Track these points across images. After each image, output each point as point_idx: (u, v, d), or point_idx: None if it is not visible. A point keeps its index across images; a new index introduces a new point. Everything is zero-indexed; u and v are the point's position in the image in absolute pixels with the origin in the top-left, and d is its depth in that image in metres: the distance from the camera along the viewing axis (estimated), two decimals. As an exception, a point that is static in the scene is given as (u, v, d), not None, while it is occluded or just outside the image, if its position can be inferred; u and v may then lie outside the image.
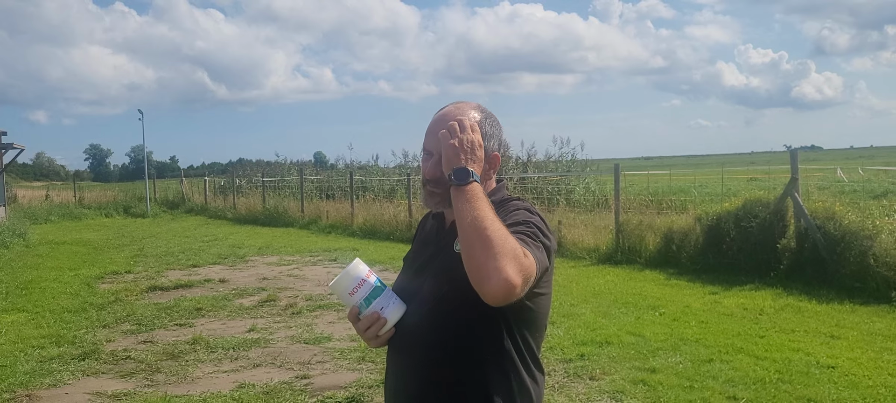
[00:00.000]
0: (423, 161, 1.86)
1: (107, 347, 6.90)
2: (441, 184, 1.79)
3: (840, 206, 9.15)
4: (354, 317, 1.82)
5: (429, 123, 1.88)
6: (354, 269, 1.82)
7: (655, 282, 9.42)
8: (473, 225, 1.57)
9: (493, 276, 1.52)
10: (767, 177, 15.81)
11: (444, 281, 1.79)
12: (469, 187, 1.65)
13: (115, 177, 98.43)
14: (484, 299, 1.56)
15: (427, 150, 1.85)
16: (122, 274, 11.56)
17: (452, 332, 1.78)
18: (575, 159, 21.35)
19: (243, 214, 22.93)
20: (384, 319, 1.80)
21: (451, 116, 1.82)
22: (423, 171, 1.87)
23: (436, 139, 1.79)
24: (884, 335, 6.48)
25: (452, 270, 1.72)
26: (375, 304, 1.80)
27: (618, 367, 5.76)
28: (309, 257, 13.28)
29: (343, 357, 6.31)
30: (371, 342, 1.84)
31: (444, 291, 1.78)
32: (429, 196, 1.86)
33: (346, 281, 1.80)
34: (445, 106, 1.91)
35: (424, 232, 2.03)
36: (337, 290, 1.83)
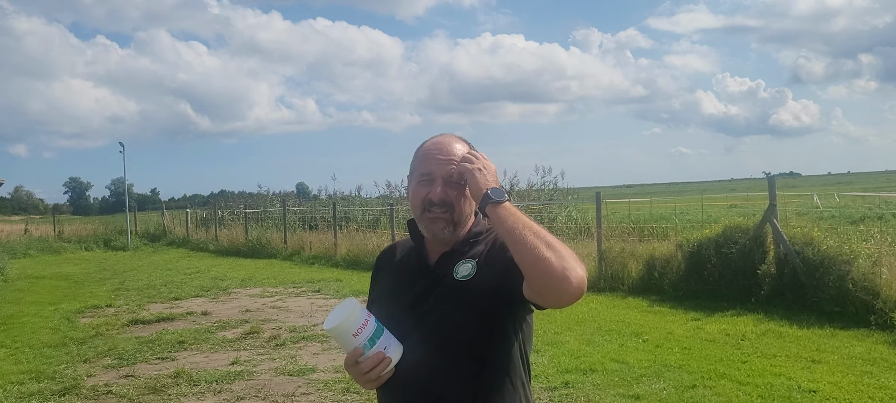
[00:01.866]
0: (422, 186, 1.88)
1: (87, 382, 6.81)
2: (446, 206, 1.84)
3: (818, 232, 9.28)
4: (355, 359, 1.77)
5: (421, 151, 1.93)
6: (357, 310, 1.77)
7: (638, 309, 9.47)
8: (534, 232, 1.64)
9: (571, 276, 1.60)
10: (746, 203, 16.03)
11: (454, 309, 1.81)
12: (507, 203, 1.73)
13: (96, 210, 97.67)
14: (557, 300, 1.64)
15: (425, 175, 1.88)
16: (102, 308, 11.44)
17: (467, 358, 1.81)
18: (557, 188, 21.48)
19: (226, 246, 22.79)
20: (389, 359, 1.77)
21: (447, 145, 1.89)
22: (426, 196, 1.87)
23: (438, 164, 1.85)
24: (864, 358, 6.56)
25: (463, 297, 1.80)
26: (379, 344, 1.77)
27: (602, 394, 5.78)
28: (292, 288, 13.22)
29: (328, 389, 6.29)
30: (369, 384, 1.80)
31: (459, 320, 1.80)
32: (432, 221, 1.87)
33: (351, 321, 1.75)
34: (433, 136, 1.96)
35: (403, 266, 2.00)
36: (339, 331, 1.76)
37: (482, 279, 1.82)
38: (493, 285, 1.79)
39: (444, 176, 1.85)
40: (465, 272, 1.84)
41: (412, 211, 1.95)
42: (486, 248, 1.89)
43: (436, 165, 1.86)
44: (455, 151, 1.88)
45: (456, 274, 1.84)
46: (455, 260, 1.87)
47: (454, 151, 1.88)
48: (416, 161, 1.93)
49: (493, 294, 1.79)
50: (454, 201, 1.86)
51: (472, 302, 1.77)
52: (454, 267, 1.86)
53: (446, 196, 1.84)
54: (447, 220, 1.86)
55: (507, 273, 1.75)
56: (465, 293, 1.79)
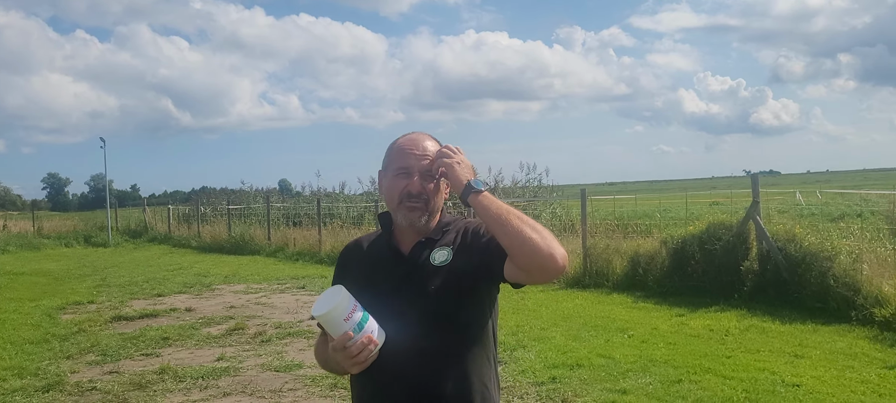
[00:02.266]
0: (399, 179, 2.03)
1: (71, 378, 6.76)
2: (423, 198, 2.01)
3: (800, 229, 9.39)
4: (343, 344, 1.83)
5: (395, 147, 2.08)
6: (346, 296, 1.85)
7: (623, 305, 9.53)
8: (518, 217, 1.86)
9: (556, 253, 1.81)
10: (729, 200, 16.15)
11: (437, 293, 1.97)
12: (487, 192, 1.93)
13: (74, 207, 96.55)
14: (544, 276, 1.86)
15: (403, 169, 2.02)
16: (84, 305, 11.33)
17: (454, 337, 1.99)
18: (542, 185, 21.56)
19: (208, 242, 22.64)
20: (376, 342, 1.86)
21: (421, 141, 2.06)
22: (404, 188, 2.02)
23: (415, 159, 2.02)
24: (845, 353, 6.65)
25: (444, 280, 1.97)
26: (366, 329, 1.84)
27: (589, 389, 5.82)
28: (277, 285, 13.17)
29: (315, 385, 6.27)
30: (356, 367, 1.88)
31: (443, 301, 1.96)
32: (411, 210, 2.02)
33: (342, 307, 1.82)
34: (406, 134, 2.12)
35: (375, 256, 2.11)
36: (331, 317, 1.82)
37: (459, 263, 1.99)
38: (471, 268, 1.97)
39: (420, 170, 2.01)
40: (441, 258, 2.00)
41: (388, 203, 2.09)
42: (458, 236, 2.06)
43: (413, 160, 2.02)
44: (428, 148, 2.05)
45: (433, 261, 2.00)
46: (429, 248, 2.04)
47: (427, 148, 2.05)
48: (390, 156, 2.08)
49: (472, 276, 1.98)
50: (430, 193, 2.03)
51: (453, 285, 1.96)
52: (430, 255, 2.02)
53: (423, 189, 2.01)
54: (423, 210, 2.02)
55: (486, 255, 1.95)
56: (445, 277, 1.97)
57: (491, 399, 2.04)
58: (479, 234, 2.03)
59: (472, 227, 2.08)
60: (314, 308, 1.86)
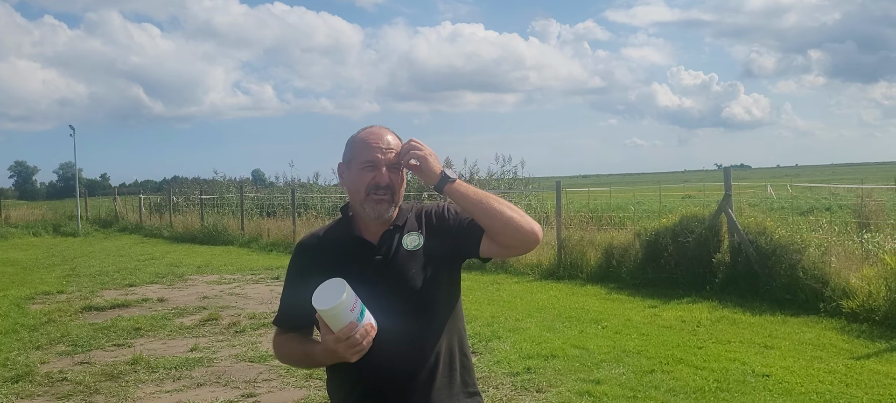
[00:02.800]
0: (366, 172, 2.09)
1: (41, 369, 6.66)
2: (389, 190, 2.09)
3: (770, 222, 9.53)
4: (348, 333, 1.88)
5: (358, 140, 2.14)
6: (349, 288, 1.89)
7: (597, 297, 9.61)
8: (495, 199, 2.04)
9: (535, 228, 2.03)
10: (701, 194, 16.35)
11: (417, 275, 2.09)
12: (459, 180, 2.07)
13: (42, 196, 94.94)
14: (525, 247, 2.07)
15: (369, 162, 2.09)
16: (54, 295, 11.16)
17: (438, 315, 2.12)
18: (517, 177, 21.61)
19: (180, 232, 22.40)
20: (375, 328, 1.93)
21: (383, 135, 2.13)
22: (371, 181, 2.09)
23: (380, 152, 2.09)
24: (813, 344, 6.78)
25: (422, 263, 2.10)
26: (366, 316, 1.91)
27: (563, 379, 5.87)
28: (250, 275, 13.08)
29: (290, 375, 6.25)
30: (358, 355, 1.92)
31: (425, 283, 2.08)
32: (378, 202, 2.09)
33: (349, 298, 1.87)
34: (366, 127, 2.18)
35: (342, 248, 2.15)
36: (339, 310, 1.85)
37: (432, 245, 2.12)
38: (446, 249, 2.12)
39: (386, 163, 2.09)
40: (414, 243, 2.12)
41: (353, 194, 2.14)
42: (421, 220, 2.18)
43: (378, 153, 2.09)
44: (390, 141, 2.12)
45: (407, 246, 2.11)
46: (398, 235, 2.13)
47: (390, 141, 2.12)
48: (353, 150, 2.13)
49: (448, 256, 2.13)
50: (396, 185, 2.11)
51: (432, 266, 2.10)
52: (401, 241, 2.12)
53: (391, 181, 2.09)
54: (390, 202, 2.10)
55: (461, 236, 2.12)
56: (421, 260, 2.10)
57: (471, 365, 2.22)
58: (444, 217, 2.17)
59: (432, 210, 2.20)
60: (317, 301, 1.87)
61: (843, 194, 20.82)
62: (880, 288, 7.49)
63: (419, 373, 2.07)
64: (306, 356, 2.11)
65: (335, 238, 2.20)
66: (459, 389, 2.14)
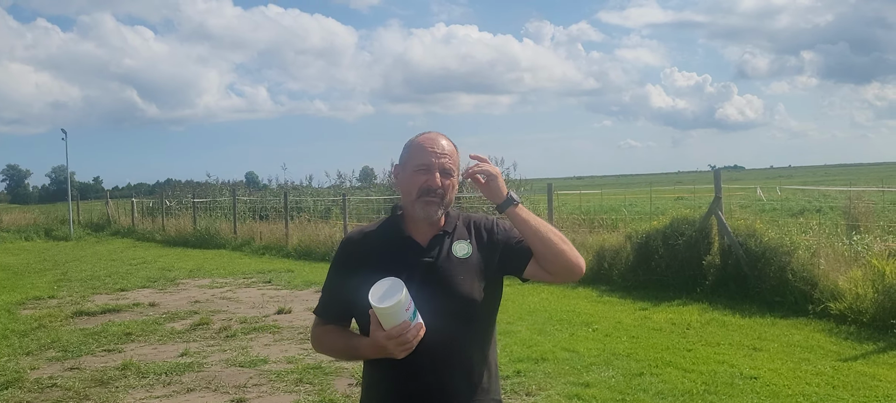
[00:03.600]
0: (419, 174, 2.16)
1: (31, 375, 6.64)
2: (438, 193, 2.15)
3: (760, 224, 9.58)
4: (402, 331, 1.96)
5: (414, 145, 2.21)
6: (404, 287, 1.96)
7: (588, 299, 9.65)
8: (551, 229, 2.16)
9: (581, 263, 2.17)
10: (693, 195, 16.39)
11: (463, 283, 2.15)
12: (521, 205, 2.17)
13: (35, 199, 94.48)
14: (569, 278, 2.22)
15: (422, 165, 2.16)
16: (45, 300, 11.14)
17: (479, 323, 2.20)
18: (509, 179, 21.64)
19: (173, 236, 22.36)
20: (424, 329, 2.01)
21: (438, 140, 2.21)
22: (424, 183, 2.15)
23: (434, 157, 2.16)
24: (802, 346, 6.82)
25: (469, 272, 2.17)
26: (418, 316, 2.00)
27: (553, 383, 5.89)
28: (242, 279, 13.07)
29: (280, 380, 6.25)
30: (404, 353, 2.00)
31: (470, 290, 2.16)
32: (428, 204, 2.16)
33: (406, 299, 1.95)
34: (423, 133, 2.25)
35: (391, 249, 2.19)
36: (396, 309, 1.93)
37: (480, 256, 2.21)
38: (494, 263, 2.21)
39: (439, 167, 2.15)
40: (463, 251, 2.19)
41: (406, 195, 2.21)
42: (470, 230, 2.26)
43: (432, 158, 2.16)
44: (445, 147, 2.20)
45: (456, 253, 2.18)
46: (447, 241, 2.21)
47: (444, 147, 2.20)
48: (409, 153, 2.22)
49: (495, 268, 2.21)
50: (447, 189, 2.17)
51: (478, 276, 2.18)
52: (451, 248, 2.19)
53: (442, 184, 2.15)
54: (439, 204, 2.16)
55: (511, 255, 2.21)
56: (469, 268, 2.17)
57: (498, 375, 2.31)
58: (493, 232, 2.26)
59: (481, 223, 2.29)
60: (374, 299, 1.94)
61: (835, 196, 20.90)
62: (867, 290, 7.54)
63: (458, 376, 2.15)
64: (349, 348, 2.17)
65: (384, 236, 2.25)
66: (492, 397, 2.23)
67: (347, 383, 6.09)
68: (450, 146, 2.22)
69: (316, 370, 6.48)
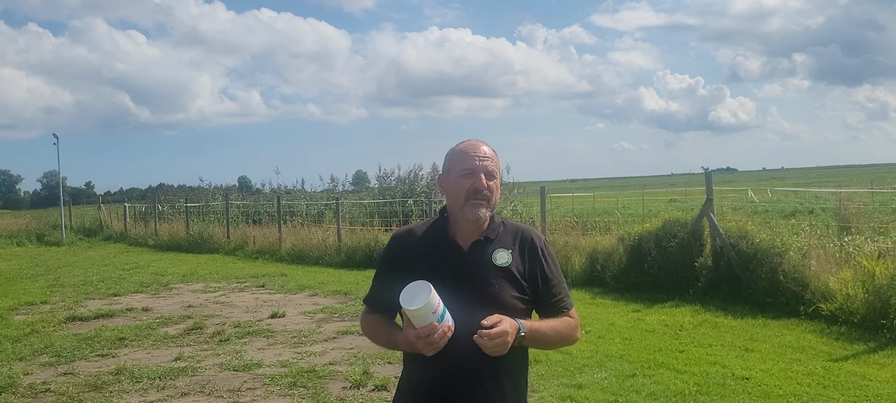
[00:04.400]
0: (465, 178, 2.29)
1: (24, 380, 6.63)
2: (484, 194, 2.29)
3: (752, 225, 9.64)
4: (430, 332, 2.08)
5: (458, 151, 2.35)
6: (433, 290, 2.07)
7: (581, 301, 9.67)
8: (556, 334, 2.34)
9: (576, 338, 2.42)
10: (685, 197, 16.48)
11: (502, 288, 2.27)
12: (528, 335, 2.23)
13: (26, 205, 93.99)
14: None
15: (468, 170, 2.29)
16: (37, 305, 11.10)
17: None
18: (502, 182, 21.65)
19: (166, 241, 22.29)
20: (452, 330, 2.12)
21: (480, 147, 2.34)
22: (471, 186, 2.28)
23: (478, 161, 2.30)
24: (793, 347, 6.87)
25: (507, 279, 2.28)
26: (446, 318, 2.11)
27: (546, 384, 5.92)
28: (235, 283, 13.05)
29: (274, 384, 6.26)
30: (432, 352, 2.12)
31: (507, 296, 2.26)
32: (476, 206, 2.28)
33: (434, 299, 2.07)
34: (465, 140, 2.39)
35: (434, 251, 2.32)
36: (423, 312, 2.06)
37: (518, 268, 2.31)
38: (528, 276, 2.32)
39: (484, 170, 2.29)
40: (503, 259, 2.29)
41: (453, 200, 2.33)
42: (516, 242, 2.36)
43: (476, 162, 2.30)
44: (486, 151, 2.33)
45: (495, 261, 2.29)
46: (487, 248, 2.31)
47: (486, 151, 2.33)
48: (453, 160, 2.35)
49: (528, 281, 2.32)
50: (492, 190, 2.31)
51: (514, 285, 2.28)
52: (491, 254, 2.30)
53: (487, 185, 2.29)
54: (486, 205, 2.30)
55: (537, 290, 2.33)
56: (506, 276, 2.28)
57: (526, 386, 2.41)
58: (537, 257, 2.35)
59: (530, 237, 2.38)
60: (404, 300, 2.07)
61: (827, 197, 21.02)
62: (858, 290, 7.60)
63: (487, 375, 2.23)
64: (390, 339, 2.34)
65: (430, 236, 2.38)
66: (517, 398, 2.33)
67: (341, 386, 6.11)
68: (490, 151, 2.35)
69: (310, 373, 6.49)
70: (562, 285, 2.40)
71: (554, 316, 2.36)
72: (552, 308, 2.36)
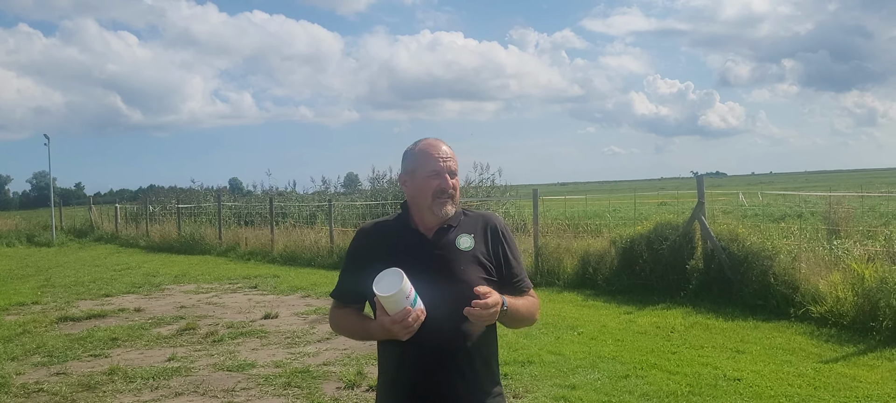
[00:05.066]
0: (431, 179, 2.39)
1: (17, 380, 6.62)
2: (449, 194, 2.41)
3: (743, 229, 9.71)
4: (405, 317, 2.17)
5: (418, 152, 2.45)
6: (405, 277, 2.15)
7: (573, 303, 9.72)
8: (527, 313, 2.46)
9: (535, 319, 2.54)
10: (676, 201, 16.53)
11: (467, 270, 2.37)
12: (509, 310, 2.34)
13: (15, 205, 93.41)
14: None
15: (433, 171, 2.40)
16: (28, 305, 11.06)
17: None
18: (495, 185, 21.72)
19: (157, 242, 22.22)
20: (425, 314, 2.21)
21: (441, 146, 2.44)
22: (437, 186, 2.39)
23: (443, 161, 2.40)
24: (784, 348, 6.93)
25: (471, 261, 2.40)
26: (418, 302, 2.20)
27: (539, 385, 5.95)
28: (228, 284, 13.04)
29: (268, 384, 6.27)
30: (407, 336, 2.20)
31: (474, 277, 2.36)
32: (443, 204, 2.40)
33: (407, 286, 2.15)
34: (423, 139, 2.49)
35: (399, 240, 2.43)
36: (397, 298, 2.14)
37: (481, 251, 2.43)
38: (492, 259, 2.44)
39: (447, 170, 2.41)
40: (466, 244, 2.42)
41: (420, 198, 2.42)
42: (478, 227, 2.48)
43: (441, 163, 2.41)
44: (447, 151, 2.44)
45: (459, 245, 2.41)
46: (451, 234, 2.43)
47: (447, 151, 2.44)
48: (415, 161, 2.45)
49: (493, 262, 2.44)
50: (455, 188, 2.44)
51: (478, 267, 2.40)
52: (454, 240, 2.42)
53: (452, 185, 2.41)
54: (452, 202, 2.42)
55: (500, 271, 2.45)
56: (470, 259, 2.40)
57: (497, 359, 2.53)
58: (499, 236, 2.48)
59: (492, 226, 2.50)
60: (378, 287, 2.15)
61: (816, 201, 21.16)
62: (847, 293, 7.67)
63: (460, 356, 2.34)
64: (363, 330, 2.41)
65: (394, 228, 2.49)
66: (491, 377, 2.44)
67: (336, 386, 6.12)
68: (450, 150, 2.47)
69: (303, 373, 6.51)
70: (521, 266, 2.53)
71: (516, 296, 2.45)
72: (515, 288, 2.47)
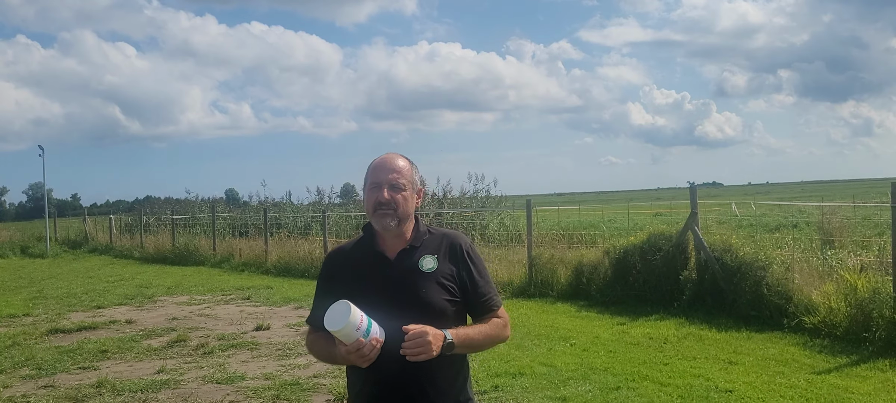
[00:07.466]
0: (372, 192, 2.39)
1: (4, 394, 6.56)
2: (390, 206, 2.37)
3: (736, 239, 9.69)
4: (358, 347, 2.16)
5: (372, 166, 2.44)
6: (355, 309, 2.16)
7: (567, 314, 9.69)
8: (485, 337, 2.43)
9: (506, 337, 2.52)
10: (670, 211, 16.55)
11: (430, 293, 2.36)
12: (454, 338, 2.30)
13: (11, 216, 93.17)
14: None
15: (375, 183, 2.39)
16: (19, 317, 10.99)
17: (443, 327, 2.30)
18: (489, 195, 21.70)
19: (151, 253, 22.14)
20: (381, 341, 2.20)
21: (391, 160, 2.43)
22: (375, 199, 2.38)
23: (384, 173, 2.39)
24: (776, 359, 6.90)
25: (434, 284, 2.38)
26: (372, 331, 2.19)
27: (530, 397, 5.91)
28: (221, 296, 12.98)
29: (257, 396, 6.22)
30: (366, 363, 2.21)
31: (436, 299, 2.36)
32: (382, 216, 2.38)
33: (355, 319, 2.15)
34: (384, 154, 2.47)
35: (363, 263, 2.44)
36: (346, 331, 2.14)
37: (444, 272, 2.41)
38: (455, 285, 2.41)
39: (388, 183, 2.37)
40: (429, 265, 2.40)
41: (367, 214, 2.44)
42: (443, 247, 2.46)
43: (382, 174, 2.39)
44: (398, 164, 2.42)
45: (422, 267, 2.39)
46: (413, 255, 2.41)
47: (397, 164, 2.42)
48: (367, 175, 2.45)
49: (456, 283, 2.42)
50: (398, 202, 2.37)
51: (441, 288, 2.38)
52: (417, 261, 2.40)
53: (391, 198, 2.36)
54: (392, 216, 2.37)
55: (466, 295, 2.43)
56: (433, 280, 2.38)
57: (468, 375, 2.52)
58: (466, 263, 2.45)
59: (456, 245, 2.48)
60: (327, 323, 2.16)
61: (811, 211, 21.17)
62: (841, 304, 7.65)
63: (421, 377, 2.31)
64: (330, 355, 2.38)
65: (359, 251, 2.49)
66: (456, 396, 2.43)
67: (325, 399, 6.08)
68: (402, 163, 2.44)
69: (293, 386, 6.46)
70: (489, 285, 2.50)
71: (484, 315, 2.46)
72: (481, 307, 2.46)
